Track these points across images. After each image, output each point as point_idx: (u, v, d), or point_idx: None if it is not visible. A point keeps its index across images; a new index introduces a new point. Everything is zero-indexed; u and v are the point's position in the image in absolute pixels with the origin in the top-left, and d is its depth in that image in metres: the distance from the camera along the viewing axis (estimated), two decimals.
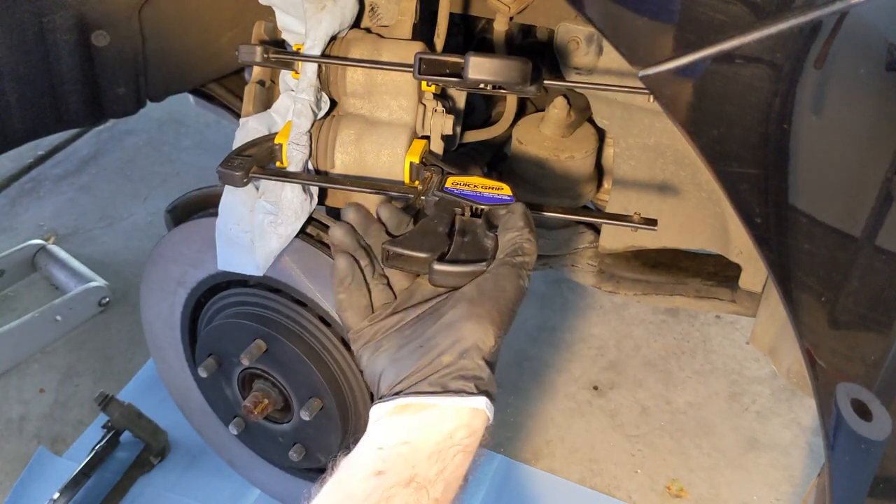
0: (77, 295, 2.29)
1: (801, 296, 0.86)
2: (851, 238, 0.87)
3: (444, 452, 0.75)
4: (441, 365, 0.78)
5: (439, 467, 0.74)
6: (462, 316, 0.80)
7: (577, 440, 2.04)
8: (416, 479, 0.73)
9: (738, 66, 0.78)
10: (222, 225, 1.25)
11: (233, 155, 1.10)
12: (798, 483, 1.94)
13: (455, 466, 0.75)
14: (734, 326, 2.36)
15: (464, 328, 0.79)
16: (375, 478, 0.73)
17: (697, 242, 1.39)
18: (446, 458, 0.75)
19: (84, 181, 2.92)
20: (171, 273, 1.44)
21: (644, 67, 0.78)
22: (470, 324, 0.79)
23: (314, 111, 1.14)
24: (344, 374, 1.31)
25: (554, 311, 2.40)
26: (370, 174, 1.16)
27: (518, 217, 0.87)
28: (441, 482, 0.74)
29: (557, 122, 1.43)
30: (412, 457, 0.74)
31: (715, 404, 2.14)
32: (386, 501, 0.71)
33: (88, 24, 1.27)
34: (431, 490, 0.73)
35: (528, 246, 0.84)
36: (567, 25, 1.24)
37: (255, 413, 1.35)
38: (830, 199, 0.86)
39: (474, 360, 0.78)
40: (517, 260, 0.83)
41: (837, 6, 0.74)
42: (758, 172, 0.82)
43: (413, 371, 0.79)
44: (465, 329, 0.79)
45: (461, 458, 0.76)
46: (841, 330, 0.90)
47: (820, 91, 0.83)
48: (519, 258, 0.83)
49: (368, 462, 0.75)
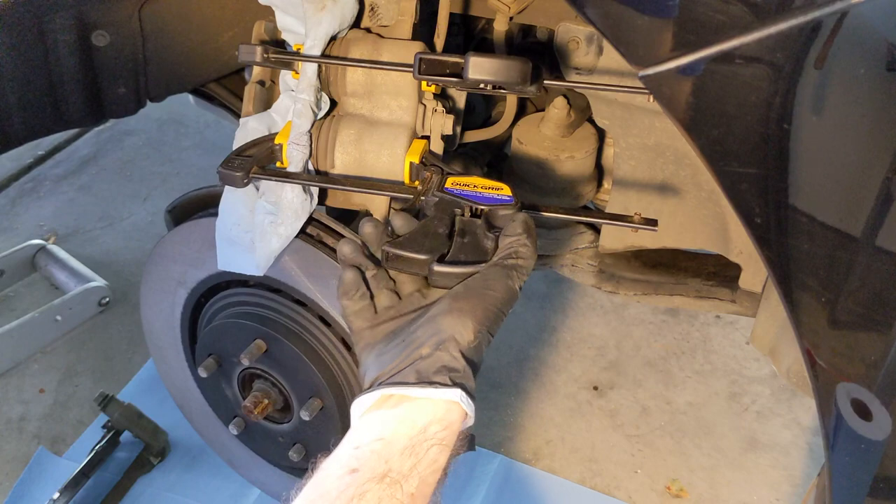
0: (77, 295, 2.29)
1: (801, 296, 0.85)
2: (851, 238, 0.87)
3: (417, 447, 0.75)
4: (419, 356, 0.79)
5: (413, 462, 0.75)
6: (443, 310, 0.81)
7: (577, 440, 2.04)
8: (389, 474, 0.73)
9: (738, 66, 0.78)
10: (222, 225, 1.25)
11: (233, 155, 1.10)
12: (798, 483, 1.94)
13: (430, 461, 0.75)
14: (734, 326, 2.35)
15: (443, 321, 0.80)
16: (349, 475, 0.73)
17: (697, 242, 1.39)
18: (420, 453, 0.75)
19: (84, 181, 2.92)
20: (171, 273, 1.44)
21: (644, 67, 0.78)
22: (449, 317, 0.80)
23: (314, 111, 1.14)
24: (344, 374, 1.31)
25: (554, 311, 2.40)
26: (370, 174, 1.16)
27: (518, 224, 0.87)
28: (415, 477, 0.74)
29: (557, 122, 1.43)
30: (385, 452, 0.75)
31: (715, 404, 2.14)
32: (360, 497, 0.71)
33: (88, 24, 1.27)
34: (405, 485, 0.73)
35: (524, 251, 0.85)
36: (567, 25, 1.24)
37: (255, 413, 1.35)
38: (830, 199, 0.86)
39: (450, 352, 0.78)
40: (510, 262, 0.84)
41: (837, 6, 0.74)
42: (758, 172, 0.82)
43: (394, 365, 0.80)
44: (444, 322, 0.80)
45: (436, 452, 0.76)
46: (841, 330, 0.90)
47: (820, 91, 0.83)
48: (512, 261, 0.84)
49: (344, 460, 0.76)
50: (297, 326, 1.30)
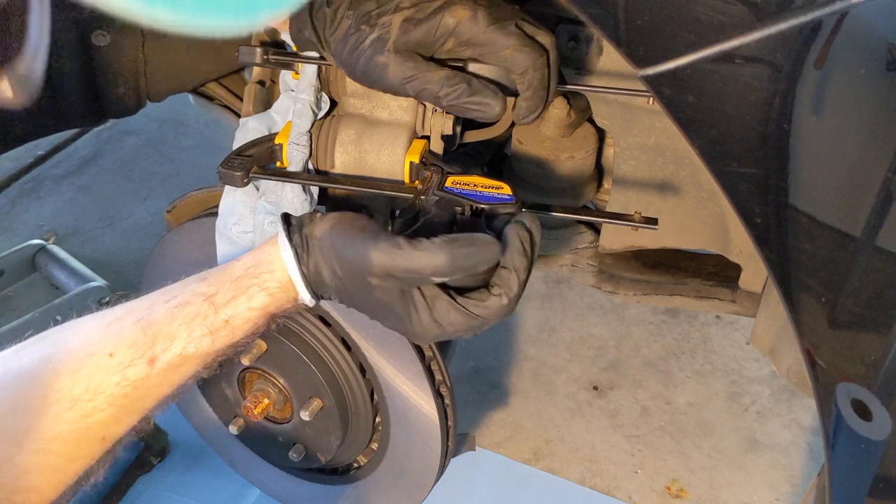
0: (77, 295, 2.28)
1: (801, 296, 0.85)
2: (851, 238, 0.87)
3: (241, 281, 0.83)
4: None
5: (233, 293, 0.82)
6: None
7: (577, 440, 2.04)
8: (215, 297, 0.82)
9: (738, 66, 0.78)
10: (222, 225, 1.25)
11: (233, 155, 1.10)
12: (798, 483, 1.94)
13: (249, 301, 0.83)
14: (734, 326, 2.36)
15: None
16: (193, 284, 0.85)
17: (697, 242, 1.39)
18: (241, 288, 0.83)
19: (84, 181, 2.92)
20: (171, 273, 1.44)
21: (644, 67, 0.78)
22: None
23: (314, 111, 1.14)
24: (344, 374, 1.31)
25: (554, 311, 2.40)
26: (370, 174, 1.16)
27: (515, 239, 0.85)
28: (231, 308, 0.82)
29: (557, 122, 1.42)
30: (220, 277, 0.85)
31: (715, 404, 2.14)
32: (184, 305, 0.82)
33: (88, 23, 1.27)
34: (221, 312, 0.82)
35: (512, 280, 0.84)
36: (567, 25, 1.24)
37: (255, 413, 1.35)
38: (830, 199, 0.86)
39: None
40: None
41: (837, 6, 0.74)
42: (757, 172, 0.82)
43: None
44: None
45: (259, 299, 0.83)
46: (841, 330, 0.90)
47: (820, 91, 0.83)
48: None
49: (201, 274, 0.87)
50: (297, 326, 1.30)
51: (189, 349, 0.81)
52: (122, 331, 0.80)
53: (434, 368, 1.23)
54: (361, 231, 0.81)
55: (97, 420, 0.78)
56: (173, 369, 0.81)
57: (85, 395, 0.77)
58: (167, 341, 0.80)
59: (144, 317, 0.81)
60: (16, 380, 0.77)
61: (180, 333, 0.81)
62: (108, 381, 0.78)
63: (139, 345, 0.80)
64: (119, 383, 0.78)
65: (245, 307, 0.83)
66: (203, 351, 0.82)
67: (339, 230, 0.82)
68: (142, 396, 0.81)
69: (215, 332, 0.82)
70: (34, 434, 0.75)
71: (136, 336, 0.80)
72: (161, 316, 0.81)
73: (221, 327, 0.82)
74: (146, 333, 0.80)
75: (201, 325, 0.81)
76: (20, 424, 0.75)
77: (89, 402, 0.77)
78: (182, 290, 0.84)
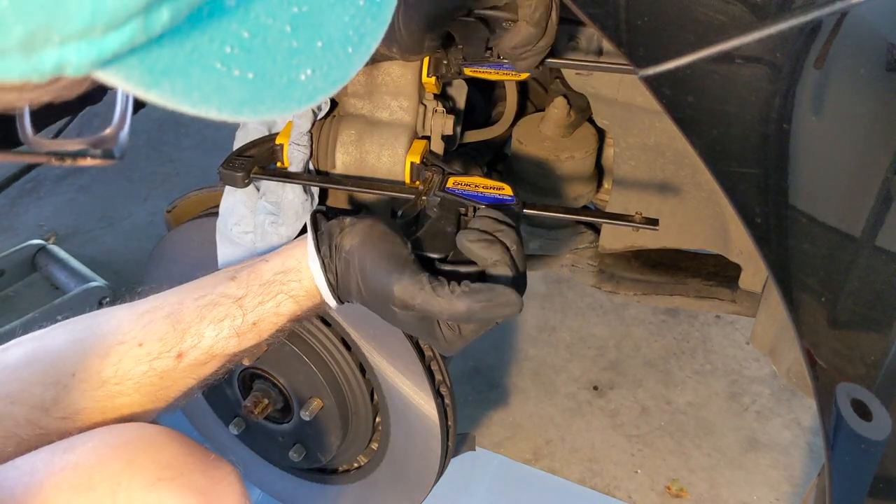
0: (77, 295, 2.28)
1: (801, 296, 0.86)
2: (851, 238, 0.87)
3: (270, 287, 0.85)
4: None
5: (261, 299, 0.85)
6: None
7: (577, 440, 2.04)
8: (243, 300, 0.85)
9: (737, 66, 0.79)
10: (223, 225, 1.25)
11: (234, 155, 1.11)
12: (798, 483, 1.94)
13: (276, 307, 0.85)
14: (734, 326, 2.36)
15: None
16: (223, 284, 0.86)
17: (697, 242, 1.39)
18: (270, 294, 0.85)
19: (84, 181, 2.92)
20: (171, 273, 1.44)
21: (644, 67, 0.78)
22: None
23: (315, 111, 1.14)
24: (344, 374, 1.31)
25: (554, 311, 2.40)
26: (371, 174, 1.16)
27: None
28: (258, 313, 0.85)
29: (557, 122, 1.43)
30: (249, 279, 0.86)
31: (715, 404, 2.14)
32: (213, 305, 0.84)
33: None
34: (249, 315, 0.85)
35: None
36: (567, 25, 1.24)
37: (255, 413, 1.35)
38: (830, 199, 0.87)
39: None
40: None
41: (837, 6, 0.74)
42: (757, 172, 0.82)
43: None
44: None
45: (286, 306, 0.86)
46: (841, 330, 0.90)
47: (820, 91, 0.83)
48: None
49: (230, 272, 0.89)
50: (298, 326, 1.30)
51: (216, 348, 0.84)
52: (152, 323, 0.83)
53: (434, 368, 1.23)
54: (387, 259, 0.82)
55: (123, 402, 0.81)
56: (199, 365, 0.84)
57: (113, 378, 0.80)
58: (195, 339, 0.83)
59: (174, 312, 0.84)
60: (47, 356, 0.80)
61: (209, 333, 0.83)
62: (136, 369, 0.81)
63: (168, 339, 0.82)
64: (146, 373, 0.81)
65: (273, 312, 0.85)
66: (230, 351, 0.85)
67: (367, 250, 0.83)
68: (167, 386, 0.83)
69: (242, 334, 0.85)
70: (62, 405, 0.78)
71: (166, 331, 0.82)
72: (191, 313, 0.84)
73: (248, 330, 0.85)
74: (175, 329, 0.83)
75: (230, 327, 0.84)
76: (48, 394, 0.78)
77: (116, 385, 0.80)
78: (212, 289, 0.86)
